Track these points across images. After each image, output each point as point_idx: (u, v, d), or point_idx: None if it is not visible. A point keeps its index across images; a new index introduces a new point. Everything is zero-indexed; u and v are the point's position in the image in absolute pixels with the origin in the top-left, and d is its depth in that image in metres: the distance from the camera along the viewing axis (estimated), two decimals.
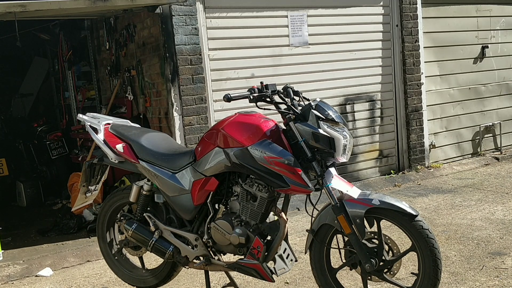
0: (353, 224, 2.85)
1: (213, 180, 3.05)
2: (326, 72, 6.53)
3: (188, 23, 5.51)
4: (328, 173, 2.91)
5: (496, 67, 8.08)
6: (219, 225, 3.03)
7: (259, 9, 6.04)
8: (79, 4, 4.80)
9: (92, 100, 7.28)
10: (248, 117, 3.02)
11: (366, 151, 6.97)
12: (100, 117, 3.57)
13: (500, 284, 3.53)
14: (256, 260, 2.95)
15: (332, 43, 6.55)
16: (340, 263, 3.10)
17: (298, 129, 2.86)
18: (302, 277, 3.86)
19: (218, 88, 5.74)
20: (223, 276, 3.69)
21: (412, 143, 7.22)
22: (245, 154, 2.88)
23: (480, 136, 7.96)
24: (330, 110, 2.91)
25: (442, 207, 5.54)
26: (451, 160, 7.69)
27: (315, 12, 6.41)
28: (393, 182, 6.83)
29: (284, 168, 2.80)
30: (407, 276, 3.58)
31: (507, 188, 6.12)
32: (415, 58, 7.14)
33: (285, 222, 2.96)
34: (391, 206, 2.83)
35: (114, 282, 4.06)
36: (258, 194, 2.96)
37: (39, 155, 7.42)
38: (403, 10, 6.99)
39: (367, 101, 6.92)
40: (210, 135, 3.09)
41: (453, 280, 3.64)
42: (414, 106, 7.19)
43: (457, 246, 4.30)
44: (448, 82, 7.63)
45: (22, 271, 4.49)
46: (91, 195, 3.77)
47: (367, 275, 2.97)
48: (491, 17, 7.94)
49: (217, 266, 3.17)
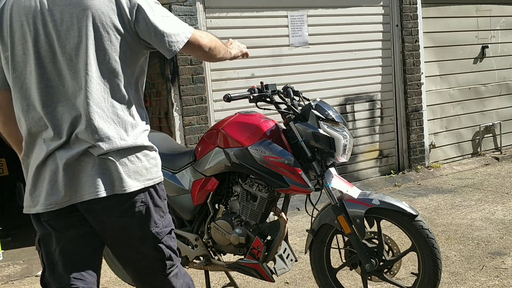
0: (353, 224, 2.85)
1: (213, 180, 3.05)
2: (326, 72, 6.53)
3: (188, 23, 5.48)
4: (328, 173, 2.92)
5: (496, 67, 8.08)
6: (219, 225, 3.03)
7: (259, 9, 6.04)
8: None
9: None
10: (248, 117, 3.02)
11: (366, 151, 6.97)
12: None
13: (500, 284, 3.53)
14: (256, 260, 2.96)
15: (332, 43, 6.55)
16: (340, 263, 3.10)
17: (298, 129, 2.87)
18: (302, 277, 3.86)
19: (218, 88, 5.74)
20: (223, 276, 3.69)
21: (412, 143, 7.22)
22: (245, 154, 2.88)
23: (480, 136, 7.97)
24: (330, 110, 2.91)
25: (442, 207, 5.54)
26: (451, 160, 7.70)
27: (315, 12, 6.41)
28: (393, 182, 6.83)
29: (284, 168, 2.80)
30: (407, 276, 3.58)
31: (507, 188, 6.12)
32: (415, 58, 7.14)
33: (285, 222, 2.96)
34: (391, 206, 2.84)
35: (114, 282, 4.05)
36: (258, 194, 2.96)
37: None
38: (403, 10, 6.99)
39: (367, 101, 6.92)
40: (210, 135, 3.09)
41: (453, 280, 3.64)
42: (414, 106, 7.20)
43: (457, 246, 4.30)
44: (448, 82, 7.64)
45: (22, 271, 4.50)
46: None
47: (367, 275, 2.97)
48: (491, 17, 7.94)
49: (217, 266, 3.17)
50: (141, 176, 1.97)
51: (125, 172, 1.93)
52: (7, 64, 1.95)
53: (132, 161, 1.95)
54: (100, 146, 1.88)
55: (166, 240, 2.08)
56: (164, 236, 2.06)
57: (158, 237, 2.04)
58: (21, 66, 1.92)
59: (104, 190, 1.90)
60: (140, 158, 1.98)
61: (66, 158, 1.88)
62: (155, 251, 2.05)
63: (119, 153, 1.93)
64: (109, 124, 1.91)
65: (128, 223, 1.98)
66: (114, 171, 1.91)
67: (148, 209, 2.00)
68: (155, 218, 2.02)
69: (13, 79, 1.95)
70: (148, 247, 2.04)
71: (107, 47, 1.90)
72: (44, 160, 1.91)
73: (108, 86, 1.92)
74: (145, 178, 1.98)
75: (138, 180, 1.96)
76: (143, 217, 1.99)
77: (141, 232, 2.00)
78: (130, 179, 1.94)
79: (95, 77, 1.89)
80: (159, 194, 2.06)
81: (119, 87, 1.94)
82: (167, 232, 2.08)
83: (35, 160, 1.94)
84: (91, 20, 1.88)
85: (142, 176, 1.97)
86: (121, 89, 1.95)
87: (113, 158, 1.91)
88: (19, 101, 1.95)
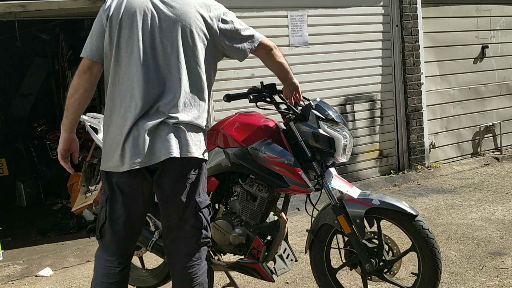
0: (353, 224, 2.85)
1: (213, 180, 3.05)
2: (326, 72, 6.53)
3: None
4: (328, 173, 2.91)
5: (496, 67, 8.07)
6: (219, 225, 3.03)
7: (259, 9, 6.03)
8: (79, 4, 4.81)
9: (92, 100, 7.26)
10: (248, 117, 3.02)
11: (366, 151, 6.97)
12: (100, 117, 3.57)
13: (500, 284, 3.53)
14: (256, 260, 2.95)
15: (332, 43, 6.55)
16: (340, 263, 3.10)
17: (298, 129, 2.87)
18: (302, 277, 3.86)
19: (218, 88, 5.73)
20: (223, 276, 3.69)
21: (412, 143, 7.21)
22: (245, 154, 2.88)
23: (480, 136, 7.96)
24: (330, 110, 2.91)
25: (442, 207, 5.54)
26: (451, 160, 7.69)
27: (315, 12, 6.41)
28: (393, 182, 6.83)
29: (284, 168, 2.80)
30: (407, 276, 3.58)
31: (507, 188, 6.12)
32: (415, 58, 7.14)
33: (285, 222, 2.96)
34: (391, 206, 2.83)
35: None
36: (258, 194, 2.96)
37: (39, 155, 7.41)
38: (403, 10, 6.99)
39: (367, 101, 6.92)
40: (210, 135, 3.09)
41: (453, 280, 3.64)
42: (414, 106, 7.19)
43: (457, 246, 4.30)
44: (448, 82, 7.63)
45: (22, 271, 4.49)
46: (91, 195, 3.78)
47: (367, 275, 2.97)
48: (491, 17, 7.94)
49: (217, 266, 3.16)
50: (200, 149, 2.43)
51: (192, 141, 2.38)
52: (111, 43, 2.38)
53: (196, 135, 2.41)
54: (176, 117, 2.34)
55: (205, 212, 2.49)
56: (203, 207, 2.48)
57: (200, 205, 2.46)
58: (124, 46, 2.37)
59: (178, 152, 2.34)
60: (200, 135, 2.44)
61: (148, 126, 2.32)
62: (194, 218, 2.45)
63: (187, 126, 2.39)
64: (187, 104, 2.39)
65: (181, 187, 2.40)
66: (183, 138, 2.36)
67: (198, 179, 2.44)
68: (200, 188, 2.46)
69: (115, 55, 2.38)
70: (190, 213, 2.44)
71: (194, 48, 2.42)
72: (130, 128, 2.33)
73: (193, 77, 2.41)
74: (202, 151, 2.44)
75: (197, 151, 2.41)
76: (193, 183, 2.42)
77: (188, 198, 2.42)
78: (195, 147, 2.39)
79: (184, 68, 2.39)
80: (205, 170, 2.51)
81: (201, 79, 2.44)
82: (206, 205, 2.50)
83: (120, 127, 2.35)
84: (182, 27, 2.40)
85: (200, 149, 2.43)
86: (202, 81, 2.45)
87: (184, 128, 2.36)
88: (115, 75, 2.39)
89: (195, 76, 2.44)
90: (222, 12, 2.53)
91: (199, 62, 2.44)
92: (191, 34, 2.41)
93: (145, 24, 2.38)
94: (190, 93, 2.41)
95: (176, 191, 2.41)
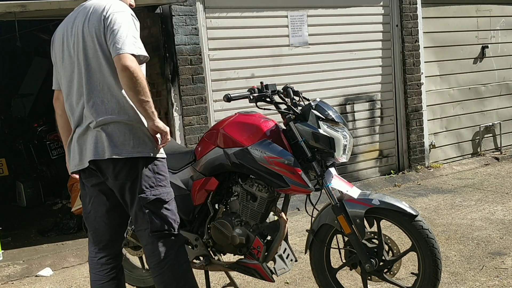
0: (353, 224, 2.85)
1: (213, 180, 3.05)
2: (326, 72, 6.53)
3: (188, 23, 5.51)
4: (328, 173, 2.91)
5: (496, 67, 8.08)
6: (219, 225, 3.03)
7: (259, 9, 6.04)
8: (79, 4, 4.79)
9: None
10: (248, 117, 3.02)
11: (366, 151, 6.97)
12: None
13: (500, 284, 3.53)
14: (256, 260, 2.96)
15: (332, 43, 6.55)
16: (340, 263, 3.10)
17: (298, 129, 2.87)
18: (302, 277, 3.86)
19: (218, 88, 5.74)
20: (223, 276, 3.69)
21: (412, 143, 7.22)
22: (245, 154, 2.88)
23: (480, 136, 7.96)
24: (330, 110, 2.91)
25: (442, 207, 5.54)
26: (451, 160, 7.69)
27: (315, 12, 6.41)
28: (393, 182, 6.83)
29: (284, 168, 2.80)
30: (407, 276, 3.58)
31: (507, 188, 6.12)
32: (415, 58, 7.14)
33: (285, 222, 2.96)
34: (391, 206, 2.83)
35: None
36: (258, 194, 2.96)
37: (39, 155, 7.41)
38: (403, 10, 6.99)
39: (367, 101, 6.92)
40: (210, 135, 3.09)
41: (453, 280, 3.64)
42: (414, 106, 7.20)
43: (457, 246, 4.30)
44: (448, 82, 7.63)
45: (22, 271, 4.49)
46: None
47: (367, 275, 2.97)
48: (491, 17, 7.94)
49: (217, 266, 3.17)
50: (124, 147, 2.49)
51: (112, 143, 2.48)
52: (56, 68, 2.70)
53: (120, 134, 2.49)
54: (96, 120, 2.48)
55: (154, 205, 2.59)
56: (149, 202, 2.57)
57: (144, 201, 2.57)
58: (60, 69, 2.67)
59: (98, 155, 2.49)
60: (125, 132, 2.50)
61: (78, 132, 2.56)
62: (141, 212, 2.59)
63: (110, 126, 2.49)
64: (104, 103, 2.50)
65: (120, 186, 2.57)
66: (101, 141, 2.49)
67: (135, 176, 2.54)
68: (142, 185, 2.56)
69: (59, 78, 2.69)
70: (136, 208, 2.59)
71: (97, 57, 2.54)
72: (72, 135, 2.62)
73: (94, 76, 2.53)
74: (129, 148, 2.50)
75: (121, 151, 2.49)
76: (132, 182, 2.55)
77: (131, 195, 2.58)
78: (115, 149, 2.48)
79: (87, 71, 2.53)
80: (150, 167, 2.59)
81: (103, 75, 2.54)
82: (153, 200, 2.59)
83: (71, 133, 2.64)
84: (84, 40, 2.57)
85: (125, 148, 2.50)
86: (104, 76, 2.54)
87: (105, 129, 2.48)
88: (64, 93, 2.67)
89: (97, 75, 2.54)
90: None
91: (100, 61, 2.53)
92: (89, 47, 2.56)
93: (64, 43, 2.64)
94: (100, 91, 2.52)
95: (118, 190, 2.61)
